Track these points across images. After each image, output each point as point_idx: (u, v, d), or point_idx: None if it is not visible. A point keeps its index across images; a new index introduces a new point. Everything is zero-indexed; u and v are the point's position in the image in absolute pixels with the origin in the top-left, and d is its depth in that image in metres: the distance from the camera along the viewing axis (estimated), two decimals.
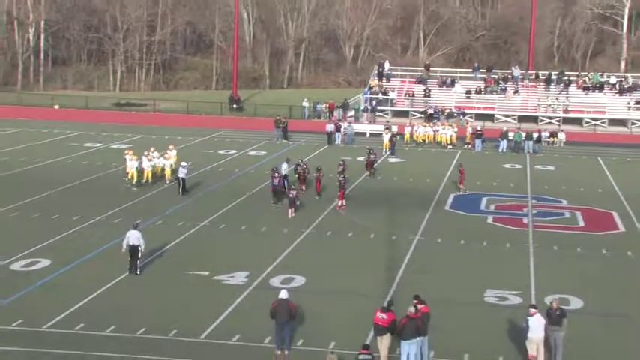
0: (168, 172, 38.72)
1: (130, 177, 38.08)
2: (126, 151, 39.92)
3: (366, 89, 69.88)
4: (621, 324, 22.04)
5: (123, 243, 24.90)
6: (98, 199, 35.32)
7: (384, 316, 18.64)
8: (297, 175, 37.78)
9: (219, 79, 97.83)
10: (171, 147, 41.39)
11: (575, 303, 23.29)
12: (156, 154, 39.57)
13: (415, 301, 19.28)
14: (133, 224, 25.67)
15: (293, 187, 34.05)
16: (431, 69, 73.46)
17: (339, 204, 34.67)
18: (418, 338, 18.36)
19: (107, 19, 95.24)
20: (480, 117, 64.56)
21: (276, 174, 35.39)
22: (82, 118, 64.93)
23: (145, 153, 39.30)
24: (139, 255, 24.87)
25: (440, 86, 69.26)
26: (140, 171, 38.11)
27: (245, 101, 75.81)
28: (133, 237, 24.73)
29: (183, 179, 36.50)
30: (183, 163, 37.50)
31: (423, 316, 18.78)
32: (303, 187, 37.00)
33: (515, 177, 43.93)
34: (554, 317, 19.17)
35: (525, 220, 33.69)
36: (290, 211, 32.64)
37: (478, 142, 53.42)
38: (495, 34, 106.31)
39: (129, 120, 65.26)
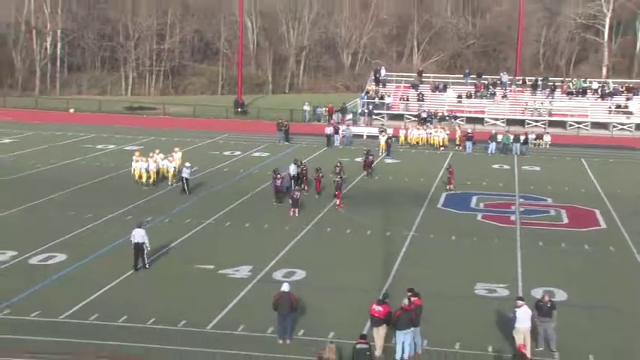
0: (170, 174, 38.33)
1: (137, 177, 37.92)
2: (136, 152, 39.84)
3: (363, 94, 69.89)
4: (603, 315, 22.03)
5: (132, 240, 24.77)
6: (110, 197, 35.30)
7: (380, 308, 18.65)
8: (296, 176, 37.54)
9: (225, 84, 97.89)
10: (176, 149, 41.15)
11: (560, 295, 23.26)
12: (161, 155, 39.29)
13: (409, 294, 19.29)
14: (138, 223, 25.53)
15: (297, 187, 33.85)
16: (424, 75, 73.48)
17: (337, 202, 34.61)
18: (412, 329, 18.38)
19: (120, 28, 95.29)
20: (470, 120, 64.61)
21: (278, 175, 35.31)
22: (95, 121, 64.87)
23: (150, 154, 39.13)
24: (145, 252, 24.65)
25: (433, 91, 69.26)
26: (148, 171, 37.97)
27: (249, 105, 75.83)
28: (138, 235, 24.50)
29: (186, 179, 36.39)
30: (187, 164, 37.37)
31: (416, 309, 18.79)
32: (305, 187, 36.91)
33: (504, 177, 43.90)
34: (545, 309, 19.19)
35: (513, 218, 33.66)
36: (293, 210, 32.49)
37: (469, 144, 53.41)
38: (485, 43, 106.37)
39: (140, 123, 65.23)
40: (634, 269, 26.56)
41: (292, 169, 37.20)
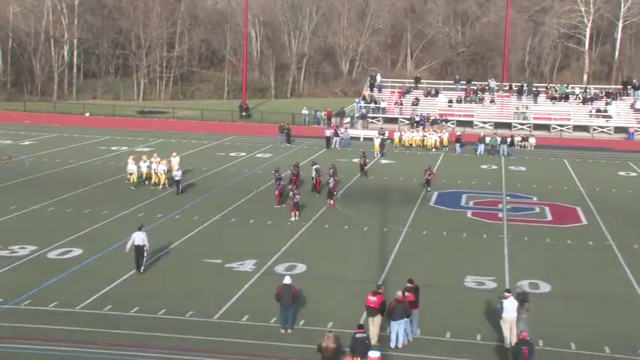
0: (162, 177, 37.12)
1: (132, 179, 37.33)
2: (142, 156, 39.22)
3: (359, 99, 69.88)
4: (585, 305, 22.05)
5: (127, 244, 23.88)
6: (123, 195, 35.28)
7: (374, 298, 18.68)
8: (293, 178, 37.17)
9: (230, 90, 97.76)
10: (174, 154, 40.08)
11: (544, 287, 23.31)
12: (157, 159, 38.24)
13: (409, 285, 19.29)
14: (138, 226, 24.53)
15: (296, 191, 32.38)
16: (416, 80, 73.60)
17: (331, 202, 34.11)
18: (405, 319, 18.38)
19: (132, 37, 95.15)
20: (460, 123, 64.65)
21: (278, 174, 35.08)
22: (109, 125, 64.83)
23: (144, 158, 38.55)
24: (144, 254, 23.67)
25: (425, 96, 69.20)
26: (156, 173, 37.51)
27: (253, 109, 75.74)
28: (138, 238, 23.49)
29: (177, 180, 35.72)
30: (176, 167, 36.89)
31: (407, 302, 18.81)
32: (295, 187, 36.07)
33: (492, 176, 43.88)
34: (518, 301, 19.19)
35: (500, 215, 33.66)
36: (294, 213, 31.47)
37: (458, 146, 53.42)
38: (474, 51, 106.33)
39: (151, 126, 65.19)
40: (613, 262, 26.55)
41: (315, 169, 36.85)
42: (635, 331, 20.10)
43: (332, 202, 34.13)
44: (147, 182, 37.60)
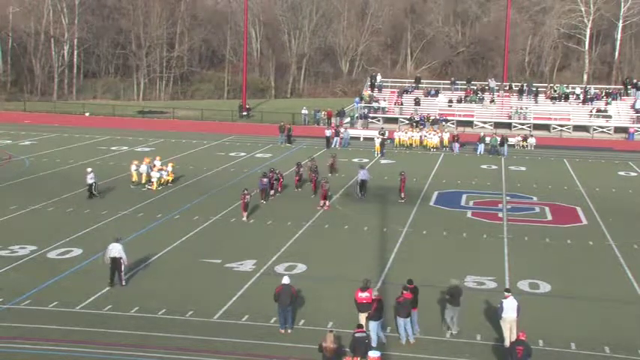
0: (157, 180, 36.98)
1: (137, 180, 37.39)
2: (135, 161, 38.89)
3: (358, 98, 69.85)
4: (584, 305, 22.03)
5: (105, 256, 22.64)
6: (123, 195, 35.26)
7: (367, 294, 18.79)
8: (297, 177, 37.67)
9: (230, 89, 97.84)
10: (151, 158, 39.43)
11: (544, 287, 23.30)
12: (158, 163, 38.09)
13: (409, 285, 19.30)
14: (115, 237, 23.23)
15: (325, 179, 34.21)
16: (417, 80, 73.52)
17: (327, 204, 33.70)
18: (382, 319, 18.60)
19: (132, 37, 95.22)
20: (460, 123, 64.63)
21: (266, 174, 35.16)
22: (109, 125, 64.82)
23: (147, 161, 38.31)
24: (122, 267, 22.38)
25: (425, 96, 69.18)
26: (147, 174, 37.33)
27: (253, 109, 75.76)
28: (115, 250, 22.30)
29: (90, 184, 34.47)
30: (89, 169, 35.47)
31: (405, 301, 18.80)
32: (278, 186, 36.37)
33: (492, 176, 43.87)
34: (450, 295, 19.59)
35: (500, 215, 33.65)
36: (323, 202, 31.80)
37: (456, 146, 53.42)
38: (474, 51, 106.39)
39: (151, 126, 65.18)
40: (612, 262, 26.54)
41: (362, 174, 36.56)
42: (635, 331, 20.09)
43: (327, 203, 33.80)
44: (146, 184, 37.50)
